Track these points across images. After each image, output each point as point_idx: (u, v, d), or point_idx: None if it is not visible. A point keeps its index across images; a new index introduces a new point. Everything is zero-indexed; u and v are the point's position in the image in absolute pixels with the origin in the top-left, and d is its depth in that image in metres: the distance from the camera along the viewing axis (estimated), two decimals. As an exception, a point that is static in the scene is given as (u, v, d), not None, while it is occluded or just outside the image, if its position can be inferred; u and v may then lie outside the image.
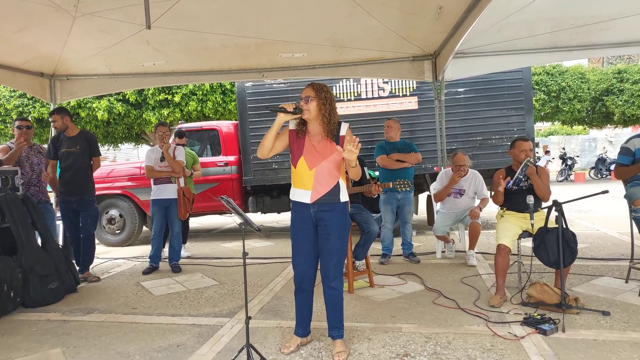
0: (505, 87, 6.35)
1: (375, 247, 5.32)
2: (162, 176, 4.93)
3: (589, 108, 16.62)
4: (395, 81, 6.42)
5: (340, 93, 6.52)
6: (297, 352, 2.74)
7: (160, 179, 4.95)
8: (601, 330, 2.87)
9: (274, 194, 6.86)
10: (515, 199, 3.65)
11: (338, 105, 6.49)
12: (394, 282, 4.18)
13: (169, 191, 4.96)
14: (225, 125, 6.93)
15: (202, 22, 4.23)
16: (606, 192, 3.21)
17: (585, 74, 16.19)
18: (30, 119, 12.02)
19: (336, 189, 2.63)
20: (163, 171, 4.93)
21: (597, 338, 2.76)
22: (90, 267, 4.95)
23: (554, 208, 3.18)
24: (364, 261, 4.14)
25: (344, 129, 2.65)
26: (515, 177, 3.58)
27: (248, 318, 2.44)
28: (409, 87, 6.45)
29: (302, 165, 2.61)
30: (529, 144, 3.69)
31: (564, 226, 3.14)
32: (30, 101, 11.98)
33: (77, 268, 4.60)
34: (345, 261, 3.96)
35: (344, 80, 6.49)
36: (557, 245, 3.11)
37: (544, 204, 3.57)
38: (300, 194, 2.64)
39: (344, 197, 2.66)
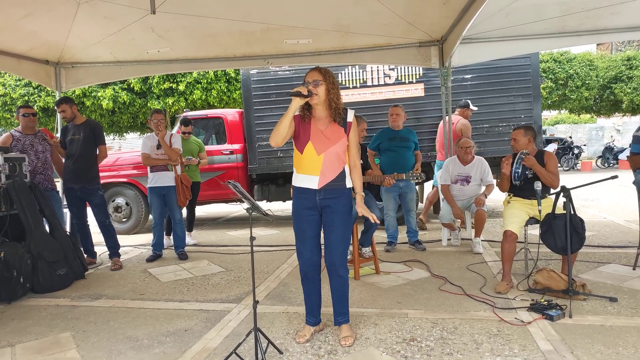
0: (512, 74, 6.28)
1: (381, 235, 5.33)
2: (159, 164, 4.92)
3: (597, 96, 16.44)
4: (401, 68, 6.37)
5: (345, 80, 6.47)
6: (304, 337, 2.76)
7: (156, 167, 4.93)
8: (608, 316, 2.87)
9: (279, 182, 6.86)
10: (522, 186, 3.62)
11: (343, 92, 6.52)
12: (399, 269, 4.18)
13: (165, 179, 4.94)
14: (230, 114, 6.92)
15: (207, 8, 4.20)
16: (616, 177, 3.17)
17: (594, 61, 15.99)
18: (35, 107, 12.06)
19: (342, 174, 2.62)
20: (159, 159, 4.92)
21: (604, 324, 2.76)
22: (98, 255, 5.01)
23: (562, 194, 3.15)
24: (369, 248, 4.15)
25: (350, 115, 2.65)
26: (512, 172, 3.55)
27: (255, 302, 2.45)
28: (416, 74, 6.39)
29: (310, 151, 2.58)
30: (518, 132, 3.64)
31: (572, 212, 3.11)
32: (36, 90, 12.01)
33: (85, 255, 4.66)
34: (352, 248, 3.97)
35: (350, 67, 6.43)
36: (564, 231, 3.09)
37: (552, 190, 3.55)
38: (306, 180, 2.61)
39: (349, 182, 2.66)
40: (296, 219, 2.69)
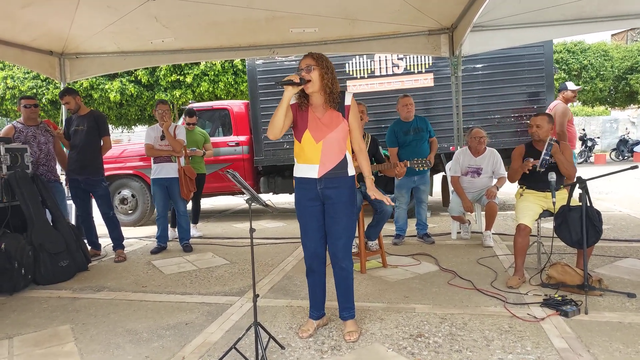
0: (525, 63, 6.09)
1: (389, 228, 5.22)
2: (162, 155, 4.86)
3: (612, 87, 16.07)
4: (410, 57, 6.21)
5: (353, 70, 6.34)
6: (307, 332, 2.67)
7: (160, 158, 4.87)
8: (627, 313, 2.74)
9: (285, 174, 6.77)
10: (535, 178, 3.48)
11: (350, 83, 6.45)
12: (407, 263, 4.08)
13: (168, 170, 4.87)
14: (236, 105, 6.83)
15: (210, -6, 4.10)
16: (636, 167, 3.02)
17: (609, 51, 15.61)
18: (44, 100, 12.10)
19: (344, 162, 2.52)
20: (163, 150, 4.86)
21: (623, 321, 2.63)
22: (103, 247, 4.97)
23: (577, 185, 3.02)
24: (377, 241, 4.04)
25: (348, 98, 2.54)
26: (541, 158, 3.40)
27: (256, 296, 2.36)
28: (425, 64, 6.23)
29: (308, 139, 2.49)
30: (542, 118, 3.50)
31: (588, 204, 2.98)
32: (44, 83, 12.04)
33: (90, 247, 4.62)
34: (358, 241, 3.87)
35: (357, 56, 6.29)
36: (580, 224, 2.96)
37: (565, 182, 3.41)
38: (306, 169, 2.53)
39: (352, 170, 2.55)
40: (299, 210, 2.60)
